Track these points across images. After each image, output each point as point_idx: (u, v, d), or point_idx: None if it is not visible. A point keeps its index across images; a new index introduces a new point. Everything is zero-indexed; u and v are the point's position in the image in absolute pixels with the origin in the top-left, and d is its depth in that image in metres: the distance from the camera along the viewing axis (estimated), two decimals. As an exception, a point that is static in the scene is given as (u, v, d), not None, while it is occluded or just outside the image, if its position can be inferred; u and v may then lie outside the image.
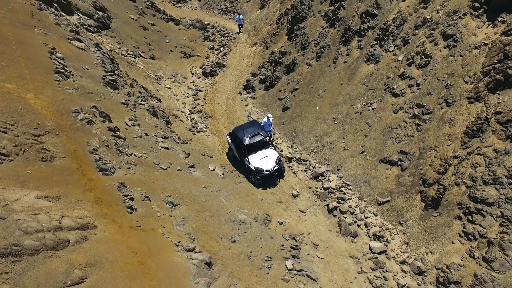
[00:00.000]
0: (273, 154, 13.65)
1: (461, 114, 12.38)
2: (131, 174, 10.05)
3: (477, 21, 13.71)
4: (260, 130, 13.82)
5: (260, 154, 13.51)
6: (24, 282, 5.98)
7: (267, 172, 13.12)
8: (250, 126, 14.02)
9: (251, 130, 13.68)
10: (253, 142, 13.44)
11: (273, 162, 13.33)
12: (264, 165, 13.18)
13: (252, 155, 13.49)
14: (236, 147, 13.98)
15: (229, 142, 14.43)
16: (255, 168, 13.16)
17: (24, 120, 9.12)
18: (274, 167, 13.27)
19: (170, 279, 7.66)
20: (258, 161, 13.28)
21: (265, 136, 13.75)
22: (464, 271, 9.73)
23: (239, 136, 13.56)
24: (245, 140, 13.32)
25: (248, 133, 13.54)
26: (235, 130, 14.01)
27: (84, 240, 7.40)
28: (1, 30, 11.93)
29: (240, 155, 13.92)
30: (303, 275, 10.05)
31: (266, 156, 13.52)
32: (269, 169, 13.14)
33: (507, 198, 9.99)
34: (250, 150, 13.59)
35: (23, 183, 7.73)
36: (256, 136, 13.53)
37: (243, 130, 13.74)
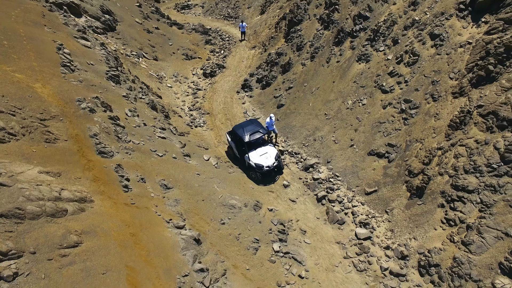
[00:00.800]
0: (272, 150, 13.95)
1: (446, 108, 12.86)
2: (128, 158, 10.71)
3: (462, 22, 14.31)
4: (259, 128, 14.11)
5: (259, 151, 13.79)
6: (25, 241, 6.59)
7: (267, 168, 13.37)
8: (250, 124, 14.33)
9: (251, 128, 13.98)
10: (253, 139, 13.73)
11: (272, 158, 13.60)
12: (264, 161, 13.44)
13: (252, 152, 13.76)
14: (236, 145, 14.24)
15: (228, 140, 14.72)
16: (255, 165, 13.39)
17: (31, 105, 9.89)
18: (273, 163, 13.52)
19: (159, 250, 8.20)
20: (258, 158, 13.55)
21: (264, 134, 14.06)
22: (444, 254, 10.07)
23: (239, 134, 13.85)
24: (245, 138, 13.59)
25: (247, 130, 13.83)
26: (235, 128, 14.30)
27: (81, 211, 8.01)
28: (14, 27, 12.88)
29: (240, 153, 14.17)
30: (289, 257, 10.48)
31: (266, 152, 13.78)
32: (269, 165, 13.40)
33: (486, 185, 10.38)
34: (250, 147, 13.86)
35: (27, 159, 8.42)
36: (256, 133, 13.81)
37: (242, 128, 14.04)
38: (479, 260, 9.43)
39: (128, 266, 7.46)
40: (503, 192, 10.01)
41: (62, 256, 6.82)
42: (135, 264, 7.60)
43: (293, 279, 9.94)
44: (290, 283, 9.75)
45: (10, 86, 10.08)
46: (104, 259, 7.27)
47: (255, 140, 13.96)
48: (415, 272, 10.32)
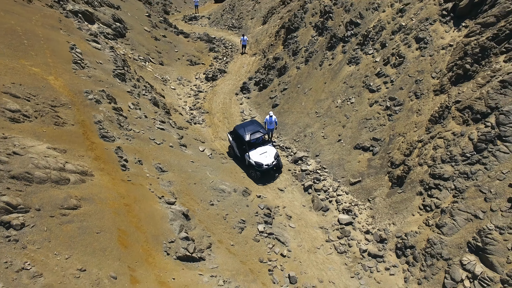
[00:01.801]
0: (271, 150, 14.37)
1: (427, 105, 13.60)
2: (128, 143, 11.76)
3: (445, 26, 15.22)
4: (260, 128, 14.62)
5: (259, 150, 14.23)
6: (32, 199, 7.58)
7: (266, 167, 13.79)
8: (251, 124, 14.86)
9: (251, 128, 14.49)
10: (253, 138, 14.23)
11: (272, 157, 14.02)
12: (264, 160, 13.86)
13: (252, 151, 14.20)
14: (237, 144, 14.70)
15: (230, 140, 15.19)
16: (255, 163, 13.82)
17: (44, 94, 11.12)
18: (272, 162, 13.93)
19: (149, 219, 9.07)
20: (258, 156, 13.99)
21: (264, 134, 14.59)
22: (419, 237, 10.61)
23: (240, 133, 14.35)
24: (246, 137, 14.09)
25: (248, 130, 14.34)
26: (236, 128, 14.79)
27: (82, 182, 9.01)
28: (34, 30, 14.41)
29: (240, 152, 14.62)
30: (273, 238, 11.16)
31: (265, 152, 14.20)
32: (268, 164, 13.81)
33: (460, 173, 10.98)
34: (251, 146, 14.31)
35: (38, 137, 9.54)
36: (256, 133, 14.34)
37: (244, 128, 14.57)
38: (450, 241, 9.95)
39: (120, 229, 8.35)
40: (475, 178, 10.60)
41: (63, 215, 7.78)
42: (127, 228, 8.48)
43: (275, 257, 10.59)
44: (272, 260, 10.40)
45: (27, 77, 11.38)
46: (99, 221, 8.18)
47: (256, 140, 14.43)
48: (392, 254, 10.84)
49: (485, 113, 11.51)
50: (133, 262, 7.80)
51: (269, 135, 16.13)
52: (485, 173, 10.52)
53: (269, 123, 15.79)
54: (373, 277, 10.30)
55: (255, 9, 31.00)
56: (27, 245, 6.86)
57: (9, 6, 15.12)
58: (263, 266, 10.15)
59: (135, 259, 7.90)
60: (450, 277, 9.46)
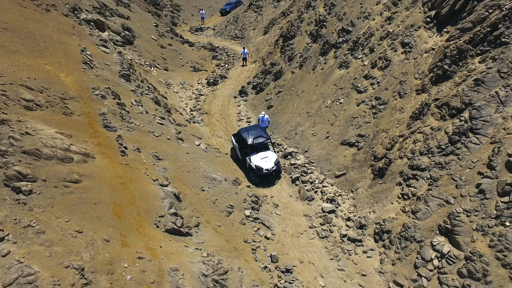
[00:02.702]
0: (272, 155, 14.59)
1: (410, 103, 14.41)
2: (129, 134, 12.88)
3: (428, 32, 16.18)
4: (263, 133, 14.88)
5: (261, 155, 14.48)
6: (39, 172, 8.66)
7: (266, 171, 13.97)
8: (254, 129, 15.13)
9: (255, 132, 14.78)
10: (256, 142, 14.49)
11: (272, 162, 14.22)
12: (264, 164, 14.09)
13: (253, 155, 14.45)
14: (239, 146, 14.97)
15: (233, 142, 15.48)
16: (255, 166, 14.04)
17: (55, 88, 12.42)
18: (272, 167, 14.10)
19: (142, 196, 10.03)
20: (259, 160, 14.23)
21: (267, 139, 14.84)
22: (395, 222, 11.23)
23: (244, 136, 14.61)
24: (249, 140, 14.37)
25: (252, 134, 14.63)
26: (240, 131, 15.08)
27: (84, 162, 10.08)
28: (50, 34, 15.96)
29: (242, 154, 14.90)
30: (259, 222, 11.92)
31: (266, 157, 14.46)
32: (268, 169, 14.00)
33: (435, 163, 11.67)
34: (252, 150, 14.58)
35: (48, 123, 10.72)
36: (259, 138, 14.59)
37: (247, 132, 14.85)
38: (423, 225, 10.56)
39: (116, 202, 9.32)
40: (448, 168, 11.26)
41: (65, 187, 8.81)
42: (122, 202, 9.44)
43: (259, 239, 11.33)
44: (256, 241, 11.15)
45: (41, 73, 12.74)
46: (97, 195, 9.18)
47: (258, 144, 14.71)
48: (370, 239, 11.45)
49: (460, 109, 12.26)
50: (125, 230, 8.72)
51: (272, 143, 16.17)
52: (458, 163, 11.19)
53: (261, 121, 16.73)
54: (351, 259, 10.91)
55: (257, 21, 32.63)
56: (33, 208, 7.89)
57: (30, 14, 16.79)
58: (247, 246, 10.89)
59: (127, 228, 8.81)
60: (421, 257, 10.03)
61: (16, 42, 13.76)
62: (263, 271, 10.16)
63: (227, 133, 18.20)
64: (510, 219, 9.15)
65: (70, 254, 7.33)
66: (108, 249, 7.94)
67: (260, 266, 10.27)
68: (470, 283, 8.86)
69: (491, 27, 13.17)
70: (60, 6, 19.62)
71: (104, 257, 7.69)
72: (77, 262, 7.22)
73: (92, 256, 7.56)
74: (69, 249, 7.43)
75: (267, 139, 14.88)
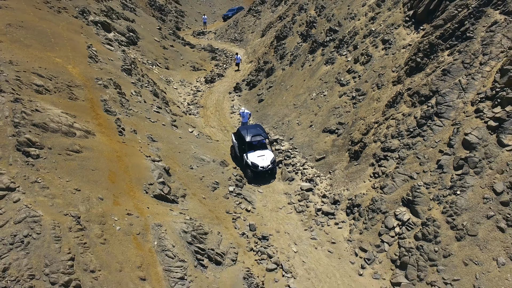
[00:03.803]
0: (269, 154, 14.81)
1: (386, 93, 15.54)
2: (127, 118, 14.27)
3: (407, 30, 17.38)
4: (262, 132, 15.21)
5: (258, 153, 14.78)
6: (46, 141, 10.04)
7: (261, 169, 14.24)
8: (254, 128, 15.53)
9: (254, 131, 15.16)
10: (254, 140, 14.88)
11: (268, 161, 14.48)
12: (260, 162, 14.35)
13: (251, 152, 14.77)
14: (238, 143, 15.33)
15: (233, 140, 15.89)
16: (251, 163, 14.34)
17: (63, 76, 13.94)
18: (268, 166, 14.37)
19: (135, 167, 11.32)
20: (255, 158, 14.52)
21: (265, 138, 15.17)
22: (365, 197, 12.26)
23: (242, 133, 14.98)
24: (247, 138, 14.73)
25: (250, 132, 15.02)
26: (240, 129, 15.52)
27: (85, 137, 11.46)
28: (60, 32, 17.65)
29: (240, 151, 15.24)
30: (241, 197, 13.08)
31: (263, 155, 14.73)
32: (263, 166, 14.27)
33: (404, 145, 12.72)
34: (250, 148, 14.91)
35: (55, 105, 12.17)
36: (257, 136, 14.98)
37: (246, 130, 15.30)
38: (389, 198, 11.58)
39: (111, 170, 10.63)
40: (414, 148, 12.31)
41: (67, 155, 10.17)
42: (116, 170, 10.75)
43: (241, 211, 12.47)
44: (237, 212, 12.29)
45: (51, 64, 14.30)
46: (95, 163, 10.51)
47: (256, 142, 15.12)
48: (342, 213, 12.49)
49: (428, 96, 13.35)
50: (117, 192, 10.00)
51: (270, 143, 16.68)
52: (423, 143, 12.23)
53: (242, 116, 17.55)
54: (323, 230, 11.94)
55: (256, 24, 34.25)
56: (39, 169, 9.24)
57: (43, 14, 18.56)
58: (228, 216, 12.03)
59: (119, 191, 10.09)
60: (384, 225, 11.03)
61: (30, 38, 15.41)
62: (241, 237, 11.27)
63: (220, 124, 19.50)
64: (461, 189, 10.15)
65: (69, 206, 8.62)
66: (101, 205, 9.21)
67: (239, 232, 11.39)
68: (423, 244, 9.84)
69: (459, 24, 14.32)
70: (71, 9, 21.44)
71: (98, 211, 8.95)
72: (75, 212, 8.51)
73: (87, 209, 8.83)
74: (68, 202, 8.72)
75: (266, 138, 15.22)
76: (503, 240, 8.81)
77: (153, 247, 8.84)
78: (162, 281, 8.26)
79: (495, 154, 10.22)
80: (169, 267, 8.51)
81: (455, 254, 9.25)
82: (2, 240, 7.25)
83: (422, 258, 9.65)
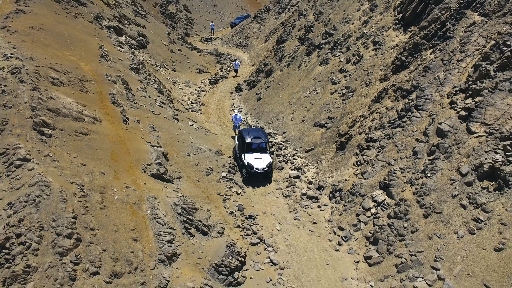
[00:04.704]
0: (267, 158, 15.00)
1: (373, 90, 16.46)
2: (132, 110, 15.66)
3: (396, 32, 18.36)
4: (263, 136, 15.51)
5: (256, 155, 15.03)
6: (58, 124, 11.44)
7: (256, 170, 14.41)
8: (255, 131, 15.91)
9: (255, 134, 15.50)
10: (253, 142, 15.17)
11: (264, 164, 14.62)
12: (256, 164, 14.55)
13: (249, 154, 15.07)
14: (239, 144, 15.75)
15: (235, 142, 16.38)
16: (247, 163, 14.68)
17: (76, 72, 15.51)
18: (263, 168, 14.50)
19: (135, 150, 12.58)
20: (252, 159, 14.77)
21: (265, 142, 15.40)
22: (347, 183, 13.12)
23: (244, 135, 15.35)
24: (247, 139, 15.05)
25: (251, 134, 15.37)
26: (242, 131, 15.93)
27: (93, 123, 12.83)
28: (75, 35, 19.43)
29: (240, 151, 15.59)
30: (233, 182, 14.13)
31: (261, 158, 14.98)
32: (259, 168, 14.44)
33: (385, 135, 13.58)
34: (249, 149, 15.21)
35: (68, 95, 13.65)
36: (258, 139, 15.25)
37: (248, 132, 15.65)
38: (367, 182, 12.42)
39: (113, 151, 11.91)
40: (394, 138, 13.16)
41: (76, 136, 11.52)
42: (118, 151, 12.02)
43: (231, 193, 13.51)
44: (228, 195, 13.33)
45: (66, 61, 15.92)
46: (100, 144, 11.82)
47: (255, 145, 15.40)
48: (326, 197, 13.35)
49: (410, 91, 14.23)
50: (118, 169, 11.24)
51: (235, 131, 18.09)
52: (402, 133, 13.08)
53: (234, 120, 18.29)
54: (307, 212, 12.83)
55: (260, 30, 35.77)
56: (51, 146, 10.59)
57: (61, 19, 20.44)
58: (219, 197, 13.09)
59: (120, 168, 11.34)
60: (362, 207, 11.86)
61: (49, 39, 17.15)
62: (230, 215, 12.28)
63: (219, 120, 20.73)
64: (431, 172, 10.93)
65: (75, 176, 9.89)
66: (103, 178, 10.45)
67: (228, 211, 12.41)
68: (394, 221, 10.62)
69: (441, 25, 15.24)
70: (86, 14, 23.37)
71: (100, 182, 10.19)
72: (80, 181, 9.77)
73: (90, 180, 10.08)
74: (75, 173, 10.00)
75: (266, 142, 15.43)
76: (464, 216, 9.54)
77: (146, 215, 9.98)
78: (152, 242, 9.36)
79: (463, 141, 11.00)
80: (159, 232, 9.61)
81: (421, 229, 10.01)
82: (19, 198, 8.54)
83: (392, 234, 10.43)
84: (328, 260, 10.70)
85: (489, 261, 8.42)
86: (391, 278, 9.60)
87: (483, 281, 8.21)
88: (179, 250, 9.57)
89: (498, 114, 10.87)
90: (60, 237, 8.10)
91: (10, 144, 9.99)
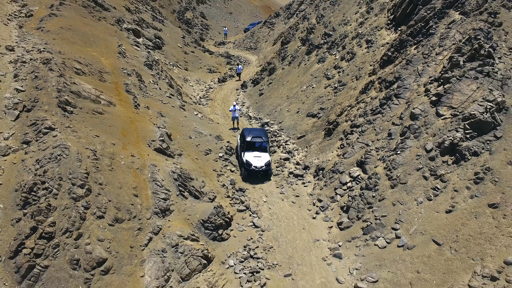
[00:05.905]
0: (266, 157, 15.27)
1: (362, 83, 17.70)
2: (143, 98, 17.70)
3: (388, 31, 19.60)
4: (263, 136, 15.99)
5: (255, 153, 15.39)
6: (78, 103, 13.52)
7: (254, 168, 14.79)
8: (257, 130, 16.46)
9: (256, 133, 16.04)
10: (254, 141, 15.65)
11: (262, 162, 14.93)
12: (254, 162, 14.91)
13: (249, 152, 15.48)
14: (240, 142, 16.37)
15: (237, 140, 17.13)
16: (245, 161, 15.05)
17: (96, 65, 17.79)
18: (261, 167, 14.83)
19: (143, 129, 14.47)
20: (251, 158, 15.13)
21: (266, 141, 15.85)
22: (329, 162, 14.40)
23: (245, 133, 15.93)
24: (248, 137, 15.58)
25: (252, 133, 15.91)
26: (244, 130, 16.51)
27: (107, 106, 14.88)
28: (98, 35, 21.96)
29: (240, 150, 16.10)
30: (228, 162, 15.70)
31: (260, 156, 15.32)
32: (256, 166, 14.79)
33: (367, 121, 14.79)
34: (249, 147, 15.63)
35: (88, 83, 15.83)
36: (258, 138, 15.75)
37: (249, 131, 16.21)
38: (347, 161, 13.65)
39: (123, 128, 13.85)
40: (374, 123, 14.35)
41: (93, 114, 13.55)
42: (127, 129, 13.95)
43: (226, 171, 15.07)
44: (222, 171, 14.91)
45: (88, 56, 18.27)
46: (113, 122, 13.79)
47: (255, 143, 15.83)
48: (310, 176, 14.64)
49: (392, 82, 15.42)
50: (126, 142, 13.12)
51: (233, 124, 19.35)
52: (381, 119, 14.26)
53: (233, 111, 19.48)
54: (291, 187, 14.17)
55: (269, 35, 37.68)
56: (72, 120, 12.63)
57: (87, 21, 23.11)
58: (214, 173, 14.69)
59: (128, 141, 13.22)
60: (340, 182, 13.08)
61: (75, 37, 19.66)
62: (222, 187, 13.84)
63: (223, 112, 22.49)
64: (401, 149, 12.07)
65: (90, 144, 11.82)
66: (113, 147, 12.33)
67: (220, 184, 13.98)
68: (364, 192, 11.80)
69: (425, 23, 16.41)
70: (109, 18, 26.08)
71: (110, 150, 12.07)
72: (93, 147, 11.68)
73: (102, 148, 11.98)
74: (89, 142, 11.94)
75: (266, 142, 15.84)
76: (425, 186, 10.63)
77: (146, 178, 11.72)
78: (149, 199, 11.06)
79: (432, 122, 12.10)
80: (156, 191, 11.30)
81: (387, 198, 11.15)
82: (44, 156, 10.50)
83: (362, 202, 11.61)
84: (304, 226, 11.98)
85: (440, 221, 9.49)
86: (357, 239, 10.77)
87: (432, 237, 9.28)
88: (172, 207, 11.21)
89: (463, 98, 11.93)
90: (75, 186, 9.95)
91: (40, 117, 12.10)
